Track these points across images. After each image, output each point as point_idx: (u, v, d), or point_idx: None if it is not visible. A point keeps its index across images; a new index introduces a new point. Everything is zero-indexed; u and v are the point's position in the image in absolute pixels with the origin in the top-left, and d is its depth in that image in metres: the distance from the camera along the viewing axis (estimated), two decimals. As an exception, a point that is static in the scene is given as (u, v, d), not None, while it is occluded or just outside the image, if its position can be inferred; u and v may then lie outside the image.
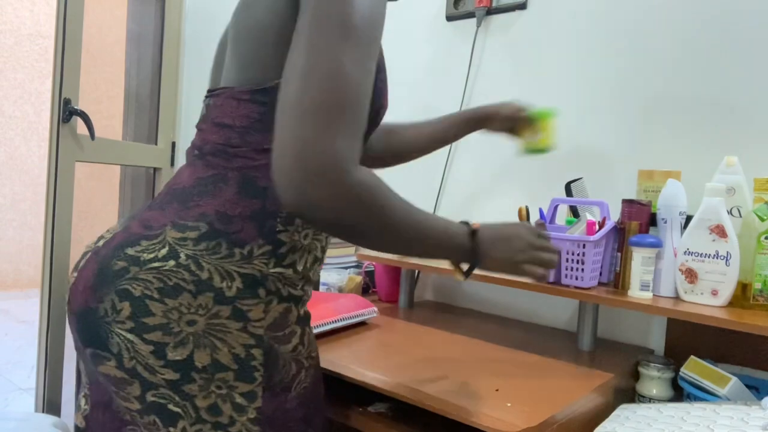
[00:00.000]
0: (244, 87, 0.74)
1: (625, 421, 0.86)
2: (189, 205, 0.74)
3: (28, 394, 2.81)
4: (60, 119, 1.72)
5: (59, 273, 1.75)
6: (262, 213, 0.73)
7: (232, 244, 0.72)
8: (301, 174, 0.59)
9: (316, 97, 0.60)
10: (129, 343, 0.68)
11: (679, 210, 1.05)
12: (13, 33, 4.92)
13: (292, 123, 0.60)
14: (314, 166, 0.58)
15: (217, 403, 0.70)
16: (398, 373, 0.93)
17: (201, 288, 0.69)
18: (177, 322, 0.68)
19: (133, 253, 0.71)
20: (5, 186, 4.97)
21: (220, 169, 0.75)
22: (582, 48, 1.37)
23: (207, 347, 0.69)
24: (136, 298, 0.68)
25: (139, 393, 0.69)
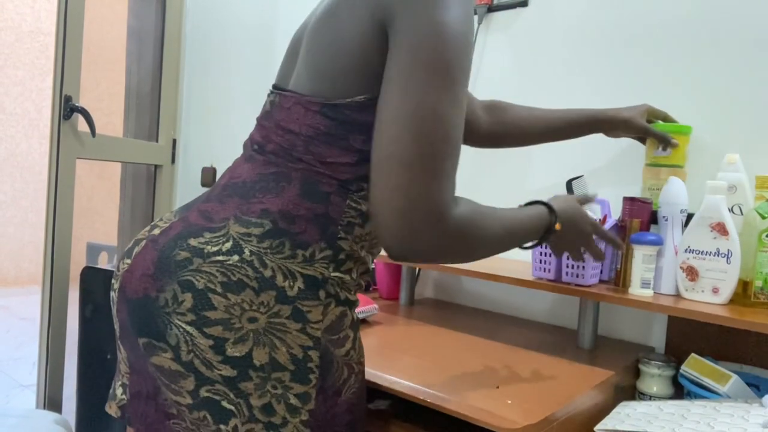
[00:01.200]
0: (315, 98, 0.73)
1: (626, 418, 0.86)
2: (252, 201, 0.73)
3: (29, 390, 2.81)
4: (61, 116, 1.72)
5: (60, 270, 1.76)
6: (325, 218, 0.73)
7: (296, 245, 0.71)
8: (408, 226, 0.64)
9: (419, 149, 0.63)
10: (188, 336, 0.67)
11: (680, 208, 1.05)
12: (13, 30, 4.92)
13: (396, 173, 0.63)
14: (421, 218, 0.64)
15: (272, 403, 0.69)
16: (399, 371, 0.93)
17: (264, 286, 0.69)
18: (239, 318, 0.67)
19: (197, 245, 0.70)
20: (6, 183, 4.97)
21: (284, 168, 0.74)
22: (583, 45, 1.37)
23: (266, 345, 0.68)
24: (199, 291, 0.67)
25: (193, 387, 0.68)
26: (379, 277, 1.51)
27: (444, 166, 0.64)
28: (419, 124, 0.63)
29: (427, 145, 0.63)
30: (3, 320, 4.01)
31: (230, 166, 0.82)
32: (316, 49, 0.74)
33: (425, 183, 0.63)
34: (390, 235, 0.65)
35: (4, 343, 3.52)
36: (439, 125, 0.64)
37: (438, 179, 0.64)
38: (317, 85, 0.74)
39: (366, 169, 0.74)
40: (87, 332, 1.65)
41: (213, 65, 2.28)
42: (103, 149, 1.93)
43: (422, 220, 0.63)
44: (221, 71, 2.25)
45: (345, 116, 0.72)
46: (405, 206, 0.63)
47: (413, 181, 0.63)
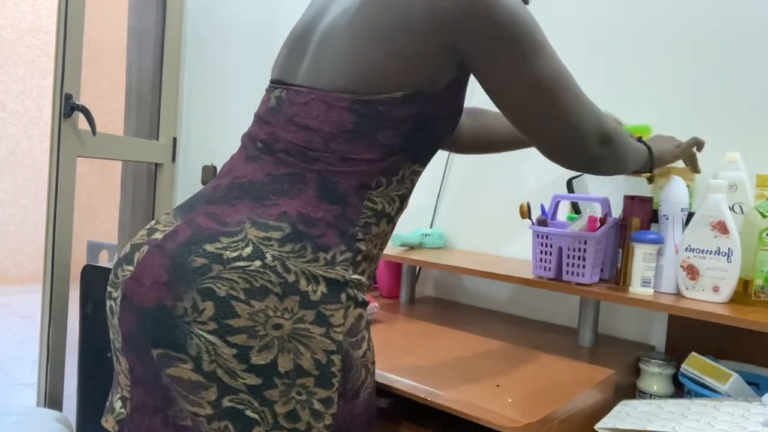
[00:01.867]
0: (344, 94, 0.72)
1: (626, 416, 0.86)
2: (266, 203, 0.71)
3: (29, 388, 2.81)
4: (61, 114, 1.72)
5: (61, 268, 1.76)
6: (343, 220, 0.73)
7: (317, 248, 0.70)
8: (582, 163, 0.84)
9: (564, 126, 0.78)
10: (210, 346, 0.65)
11: (681, 206, 1.05)
12: (14, 28, 4.92)
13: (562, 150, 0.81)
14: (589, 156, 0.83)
15: (296, 410, 0.67)
16: (399, 369, 0.93)
17: (287, 291, 0.67)
18: (263, 326, 0.65)
19: (214, 250, 0.67)
20: (6, 181, 4.98)
21: (298, 169, 0.73)
22: (584, 45, 1.37)
23: (291, 352, 0.67)
24: (221, 299, 0.65)
25: (215, 398, 0.66)
26: (380, 275, 1.51)
27: (585, 112, 0.79)
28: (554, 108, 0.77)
29: (567, 118, 0.77)
30: (3, 318, 4.01)
31: (228, 164, 0.79)
32: (344, 40, 0.73)
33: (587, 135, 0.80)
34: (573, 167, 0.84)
35: (5, 341, 3.52)
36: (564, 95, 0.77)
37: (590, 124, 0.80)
38: (344, 79, 0.72)
39: (389, 163, 0.74)
40: (87, 330, 1.66)
41: (213, 64, 2.28)
42: (104, 148, 1.93)
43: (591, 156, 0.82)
44: (221, 70, 2.25)
45: (377, 112, 0.71)
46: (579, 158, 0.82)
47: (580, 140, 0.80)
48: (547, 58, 0.76)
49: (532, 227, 1.13)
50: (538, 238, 1.13)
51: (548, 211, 1.20)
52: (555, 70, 0.77)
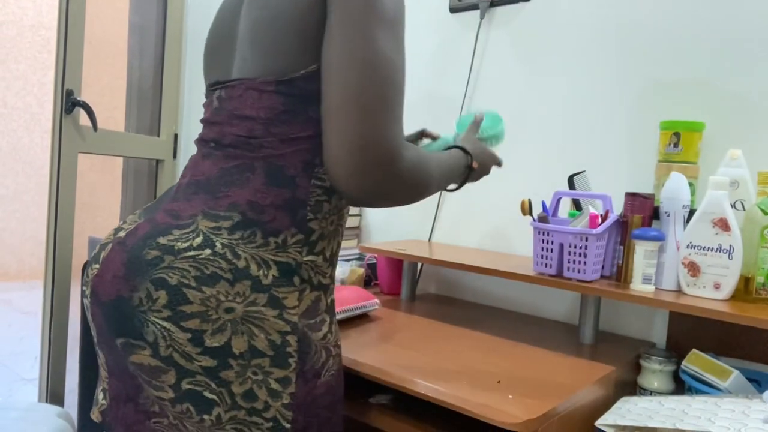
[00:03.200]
0: (268, 78, 0.74)
1: (627, 413, 0.86)
2: (218, 196, 0.74)
3: (31, 384, 2.82)
4: (63, 110, 1.72)
5: (62, 264, 1.76)
6: (293, 202, 0.74)
7: (267, 233, 0.72)
8: (364, 167, 0.67)
9: (365, 91, 0.66)
10: (165, 332, 0.68)
11: (682, 203, 1.05)
12: (15, 24, 4.91)
13: (347, 119, 0.66)
14: (377, 159, 0.67)
15: (253, 389, 0.70)
16: (400, 365, 0.93)
17: (238, 276, 0.70)
18: (215, 310, 0.69)
19: (166, 242, 0.71)
20: (8, 177, 4.98)
21: (246, 159, 0.75)
22: (587, 41, 1.37)
23: (244, 334, 0.69)
24: (173, 287, 0.68)
25: (174, 381, 0.69)
26: (381, 272, 1.51)
27: (395, 109, 0.68)
28: (365, 67, 0.66)
29: (374, 87, 0.66)
30: (5, 314, 4.02)
31: (189, 165, 0.82)
32: (259, 29, 0.75)
33: (380, 125, 0.66)
34: (346, 177, 0.68)
35: (7, 337, 3.53)
36: (384, 68, 0.67)
37: (391, 122, 0.67)
38: (267, 65, 0.75)
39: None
40: (89, 326, 1.66)
41: (214, 60, 2.28)
42: (105, 144, 1.93)
43: (377, 160, 0.67)
44: (223, 66, 2.25)
45: (301, 89, 0.73)
46: (362, 147, 0.66)
47: (368, 124, 0.66)
48: (392, 40, 0.70)
49: (533, 224, 1.13)
50: (539, 235, 1.13)
51: (549, 207, 1.20)
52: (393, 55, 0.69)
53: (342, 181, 0.68)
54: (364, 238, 1.79)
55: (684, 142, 1.12)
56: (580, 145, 1.37)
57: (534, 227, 1.13)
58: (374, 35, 0.67)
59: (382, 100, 0.66)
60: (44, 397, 1.76)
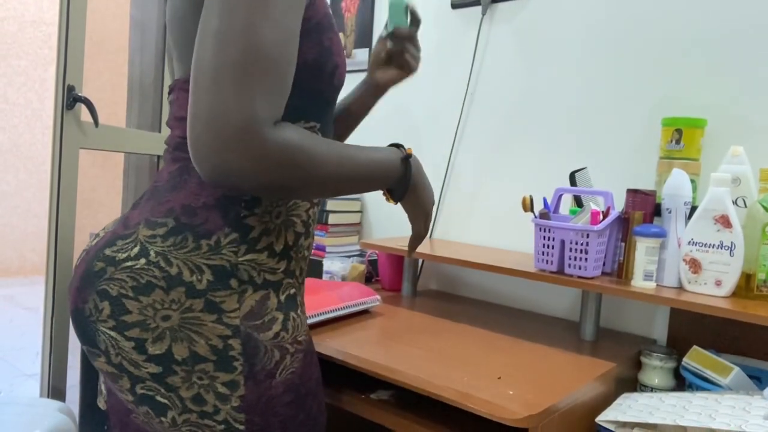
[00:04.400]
0: (185, 77, 0.75)
1: (627, 409, 0.87)
2: (161, 201, 0.75)
3: (33, 379, 2.83)
4: (64, 106, 1.72)
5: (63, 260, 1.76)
6: (225, 200, 0.73)
7: (198, 236, 0.72)
8: (216, 141, 0.58)
9: (228, 58, 0.59)
10: (113, 340, 0.70)
11: (684, 200, 1.05)
12: (16, 19, 4.91)
13: (204, 87, 0.59)
14: (230, 130, 0.58)
15: (201, 393, 0.71)
16: (401, 361, 0.93)
17: (172, 283, 0.70)
18: (153, 318, 0.70)
19: (110, 254, 0.72)
20: (9, 173, 4.98)
21: (184, 161, 0.76)
22: (591, 37, 1.36)
23: (184, 340, 0.70)
24: (114, 298, 0.70)
25: (130, 386, 0.71)
26: (382, 268, 1.51)
27: (254, 80, 0.59)
28: (232, 39, 0.59)
29: (233, 53, 0.59)
30: (7, 310, 4.02)
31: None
32: (174, 32, 0.77)
33: (232, 93, 0.58)
34: (197, 152, 0.59)
35: (8, 332, 3.54)
36: (254, 40, 0.60)
37: (247, 93, 0.59)
38: (185, 65, 0.75)
39: None
40: (90, 322, 1.66)
41: (216, 56, 2.28)
42: (106, 139, 1.93)
43: (230, 133, 0.58)
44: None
45: None
46: (210, 116, 0.58)
47: (218, 91, 0.58)
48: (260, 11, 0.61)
49: (534, 220, 1.13)
50: (540, 232, 1.13)
51: (551, 204, 1.20)
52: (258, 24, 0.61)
53: (192, 155, 0.60)
54: (365, 234, 1.79)
55: (686, 138, 1.12)
56: (581, 141, 1.37)
57: (535, 224, 1.13)
58: (242, 5, 0.60)
59: (243, 69, 0.58)
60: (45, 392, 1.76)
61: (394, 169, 0.77)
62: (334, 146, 0.68)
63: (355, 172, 0.70)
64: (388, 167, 0.76)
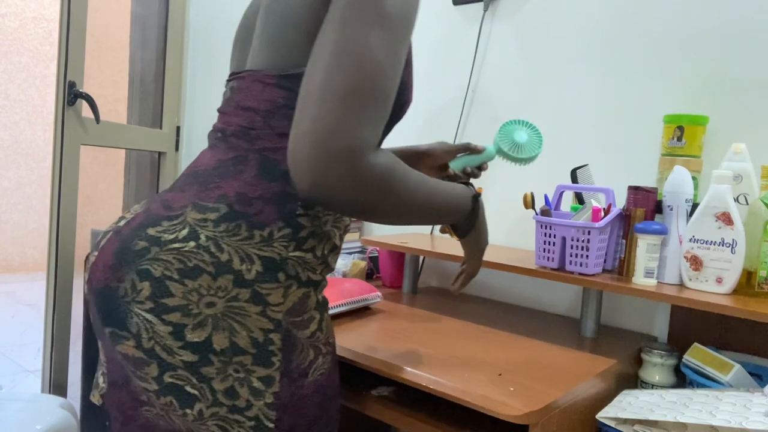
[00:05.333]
0: (271, 71, 0.74)
1: (628, 406, 0.87)
2: (209, 187, 0.73)
3: (34, 375, 2.84)
4: (65, 102, 1.72)
5: (65, 256, 1.76)
6: (283, 196, 0.73)
7: (252, 226, 0.71)
8: (320, 159, 0.59)
9: (342, 81, 0.60)
10: (148, 324, 0.68)
11: (685, 197, 1.05)
12: (17, 16, 4.91)
13: (315, 107, 0.60)
14: (334, 152, 0.59)
15: (234, 387, 0.69)
16: (401, 357, 0.93)
17: (220, 270, 0.69)
18: (196, 304, 0.68)
19: (154, 233, 0.70)
20: (10, 170, 4.99)
21: (242, 151, 0.75)
22: (593, 34, 1.36)
23: (225, 330, 0.68)
24: (156, 279, 0.68)
25: (157, 373, 0.69)
26: (383, 265, 1.51)
27: (367, 106, 0.61)
28: (348, 59, 0.61)
29: (352, 79, 0.60)
30: (8, 306, 4.03)
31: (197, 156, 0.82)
32: (269, 24, 0.75)
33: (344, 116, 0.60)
34: (301, 167, 0.60)
35: (10, 328, 3.55)
36: (368, 64, 0.61)
37: (357, 117, 0.60)
38: (273, 59, 0.74)
39: None
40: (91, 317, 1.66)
41: (216, 52, 2.28)
42: (107, 136, 1.93)
43: (337, 154, 0.59)
44: (225, 58, 2.25)
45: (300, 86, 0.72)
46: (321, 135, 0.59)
47: (332, 113, 0.60)
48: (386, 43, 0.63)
49: (535, 217, 1.13)
50: (541, 228, 1.13)
51: (552, 201, 1.20)
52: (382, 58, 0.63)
53: (293, 169, 0.61)
54: (366, 231, 1.79)
55: (687, 135, 1.12)
56: (582, 138, 1.36)
57: (536, 221, 1.13)
58: (366, 32, 0.62)
59: (358, 96, 0.60)
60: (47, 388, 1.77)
61: (464, 206, 0.79)
62: (421, 177, 0.70)
63: (435, 203, 0.73)
64: (460, 203, 0.78)
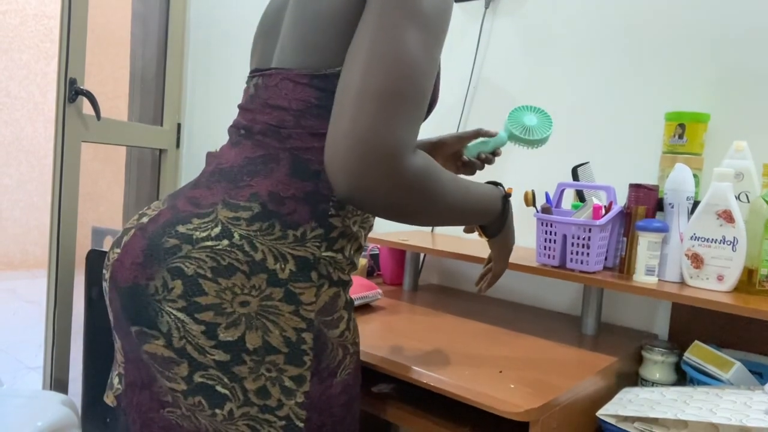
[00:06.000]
0: (304, 71, 0.73)
1: (628, 404, 0.87)
2: (240, 185, 0.73)
3: (35, 372, 2.84)
4: (66, 99, 1.72)
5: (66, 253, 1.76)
6: (315, 196, 0.73)
7: (286, 225, 0.71)
8: (359, 161, 0.59)
9: (381, 83, 0.61)
10: (179, 323, 0.67)
11: (687, 195, 1.05)
12: (18, 13, 4.90)
13: (354, 108, 0.60)
14: (374, 154, 0.60)
15: (266, 386, 0.69)
16: (402, 355, 0.93)
17: (254, 269, 0.68)
18: (230, 303, 0.67)
19: (185, 231, 0.70)
20: (11, 167, 4.99)
21: (272, 150, 0.74)
22: (595, 30, 1.36)
23: (259, 329, 0.68)
24: (189, 277, 0.67)
25: (187, 373, 0.68)
26: (383, 262, 1.51)
27: (406, 108, 0.61)
28: (387, 60, 0.61)
29: (391, 81, 0.61)
30: (9, 303, 4.04)
31: (216, 153, 0.81)
32: (301, 22, 0.74)
33: (384, 118, 0.60)
34: (340, 168, 0.60)
35: (11, 325, 3.55)
36: (406, 66, 0.62)
37: (397, 118, 0.60)
38: (304, 58, 0.73)
39: None
40: (92, 314, 1.67)
41: (217, 49, 2.27)
42: (108, 133, 1.93)
43: (377, 159, 0.59)
44: (226, 55, 2.24)
45: (334, 86, 0.72)
46: (360, 137, 0.59)
47: (371, 115, 0.60)
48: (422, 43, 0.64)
49: (536, 215, 1.13)
50: (542, 226, 1.12)
51: (553, 199, 1.20)
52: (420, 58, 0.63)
53: (332, 172, 0.61)
54: (367, 228, 1.79)
55: (689, 133, 1.12)
56: (584, 135, 1.36)
57: (537, 218, 1.13)
58: (403, 32, 0.62)
59: (397, 97, 0.61)
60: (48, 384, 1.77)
61: (495, 206, 0.80)
62: (454, 177, 0.71)
63: (467, 205, 0.73)
64: (491, 203, 0.79)
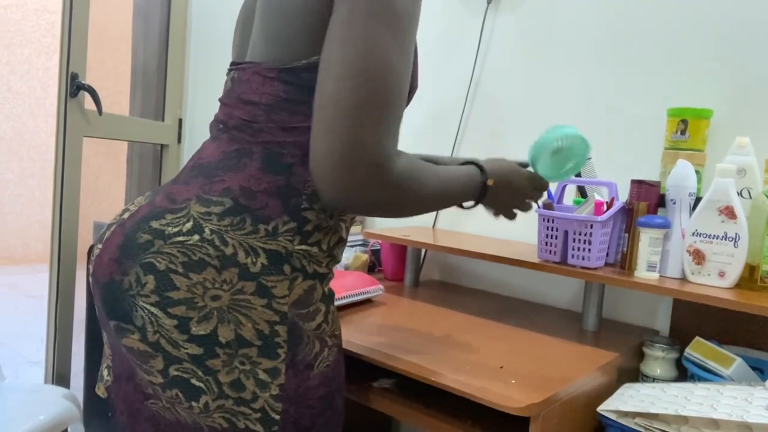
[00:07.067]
0: (272, 65, 0.73)
1: (629, 399, 0.87)
2: (214, 180, 0.73)
3: (37, 366, 2.85)
4: (67, 93, 1.71)
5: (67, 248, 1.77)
6: (287, 189, 0.73)
7: (257, 220, 0.71)
8: (348, 176, 0.61)
9: (358, 95, 0.61)
10: (153, 317, 0.68)
11: (689, 191, 1.05)
12: (19, 8, 4.90)
13: (337, 121, 0.61)
14: (362, 168, 0.61)
15: (240, 379, 0.69)
16: (403, 350, 0.94)
17: (225, 263, 0.69)
18: (201, 297, 0.68)
19: (158, 227, 0.70)
20: (13, 162, 4.99)
21: (245, 144, 0.74)
22: (597, 28, 1.35)
23: (231, 322, 0.69)
24: (161, 272, 0.68)
25: (162, 367, 0.69)
26: (385, 258, 1.51)
27: (386, 115, 0.63)
28: (363, 70, 0.62)
29: (370, 91, 0.61)
30: (11, 298, 4.05)
31: (199, 148, 0.82)
32: (268, 14, 0.74)
33: (367, 130, 0.61)
34: (328, 184, 0.62)
35: (13, 320, 3.56)
36: (380, 73, 0.62)
37: (380, 128, 0.62)
38: (272, 52, 0.74)
39: None
40: (94, 309, 1.67)
41: (219, 44, 2.27)
42: (110, 128, 1.93)
43: (362, 168, 0.61)
44: (227, 50, 2.24)
45: (302, 79, 0.72)
46: (345, 153, 0.61)
47: (354, 128, 0.61)
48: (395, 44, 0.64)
49: (538, 211, 1.13)
50: (543, 222, 1.12)
51: (554, 194, 1.19)
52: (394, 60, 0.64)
53: (321, 186, 0.63)
54: (369, 224, 1.79)
55: (691, 129, 1.11)
56: (586, 131, 1.36)
57: (539, 214, 1.13)
58: (374, 35, 0.62)
59: (376, 108, 0.62)
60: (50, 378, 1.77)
61: (475, 185, 0.81)
62: (433, 171, 0.72)
63: (446, 193, 0.75)
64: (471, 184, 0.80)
